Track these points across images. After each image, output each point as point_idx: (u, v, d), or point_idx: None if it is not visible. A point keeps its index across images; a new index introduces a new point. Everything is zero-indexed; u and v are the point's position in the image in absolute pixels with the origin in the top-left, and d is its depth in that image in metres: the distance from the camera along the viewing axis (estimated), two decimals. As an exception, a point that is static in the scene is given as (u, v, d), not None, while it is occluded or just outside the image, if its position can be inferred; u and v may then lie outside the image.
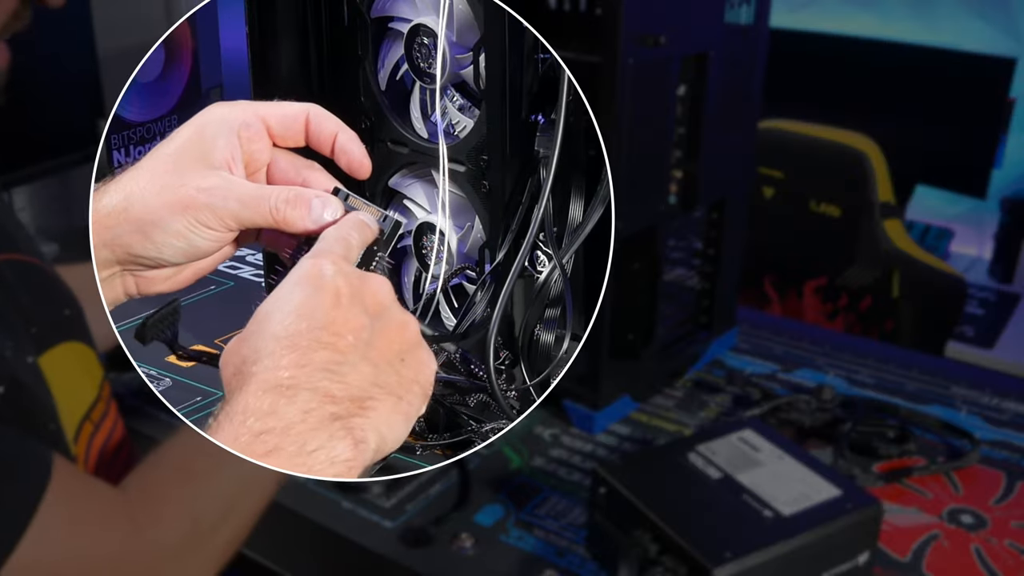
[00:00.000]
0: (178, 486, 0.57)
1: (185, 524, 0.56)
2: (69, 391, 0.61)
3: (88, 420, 0.63)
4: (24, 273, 0.61)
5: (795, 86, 2.22)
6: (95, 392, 0.65)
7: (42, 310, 0.60)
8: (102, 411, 0.66)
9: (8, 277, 0.59)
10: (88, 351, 0.65)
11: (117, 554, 0.52)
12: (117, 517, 0.53)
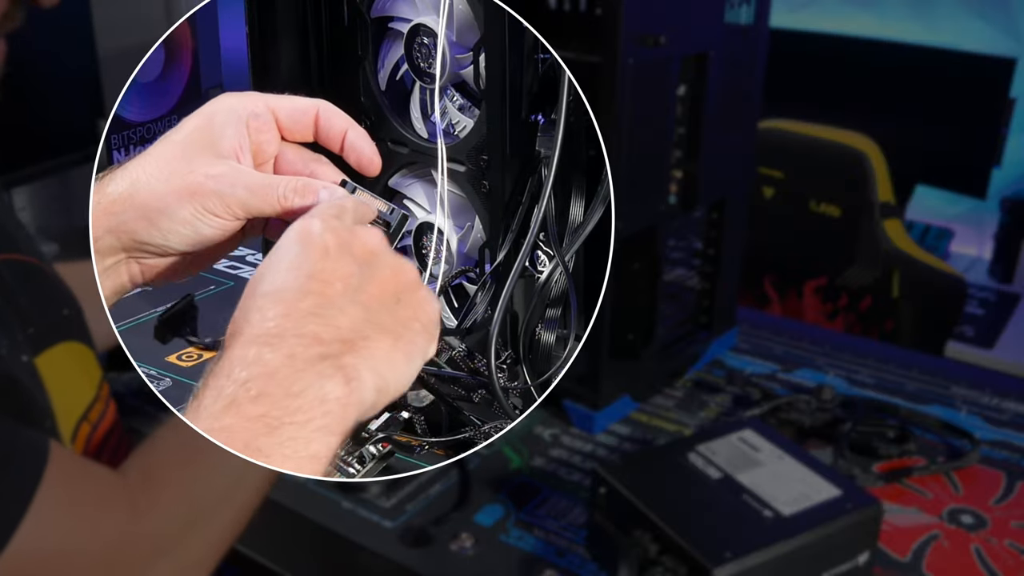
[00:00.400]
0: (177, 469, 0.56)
1: (184, 507, 0.55)
2: (66, 391, 0.60)
3: (86, 420, 0.63)
4: (23, 273, 0.60)
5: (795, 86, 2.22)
6: (93, 392, 0.65)
7: (40, 310, 0.60)
8: (100, 411, 0.65)
9: (6, 277, 0.58)
10: (87, 351, 0.65)
11: (116, 538, 0.51)
12: (116, 500, 0.52)
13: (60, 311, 0.63)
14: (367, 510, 0.82)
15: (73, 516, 0.50)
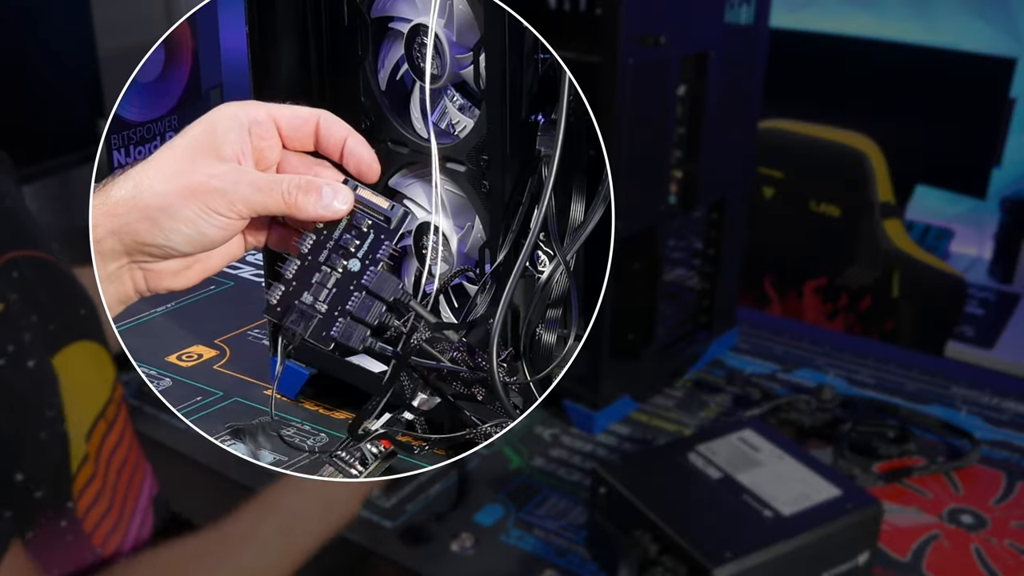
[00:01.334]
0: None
1: None
2: (84, 389, 0.61)
3: (102, 418, 0.63)
4: (42, 270, 0.61)
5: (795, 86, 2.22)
6: (108, 392, 0.65)
7: (59, 308, 0.60)
8: (115, 411, 0.66)
9: (27, 273, 0.59)
10: (102, 351, 0.65)
11: None
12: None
13: (77, 310, 0.63)
14: (367, 510, 0.82)
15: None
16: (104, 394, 0.64)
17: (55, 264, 0.63)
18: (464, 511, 0.82)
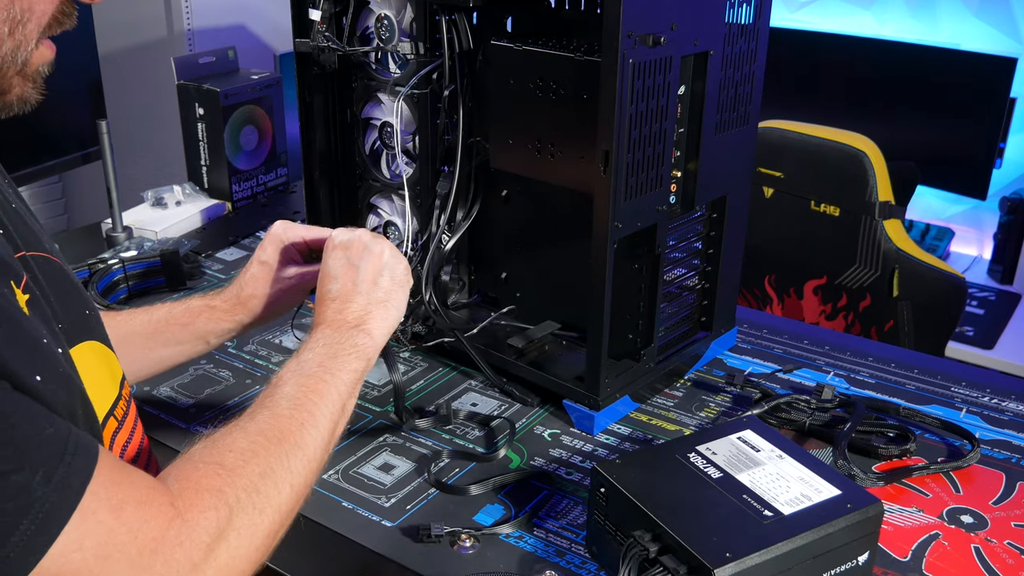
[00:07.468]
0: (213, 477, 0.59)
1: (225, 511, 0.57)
2: (95, 386, 0.62)
3: (113, 416, 0.65)
4: (50, 271, 0.62)
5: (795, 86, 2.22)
6: (117, 390, 0.66)
7: (65, 308, 0.62)
8: (124, 409, 0.67)
9: (37, 272, 0.60)
10: (108, 351, 0.67)
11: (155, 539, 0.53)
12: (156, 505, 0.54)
13: (83, 311, 0.65)
14: (367, 510, 0.82)
15: (115, 518, 0.52)
16: (113, 392, 0.66)
17: (60, 265, 0.64)
18: (464, 511, 0.82)
